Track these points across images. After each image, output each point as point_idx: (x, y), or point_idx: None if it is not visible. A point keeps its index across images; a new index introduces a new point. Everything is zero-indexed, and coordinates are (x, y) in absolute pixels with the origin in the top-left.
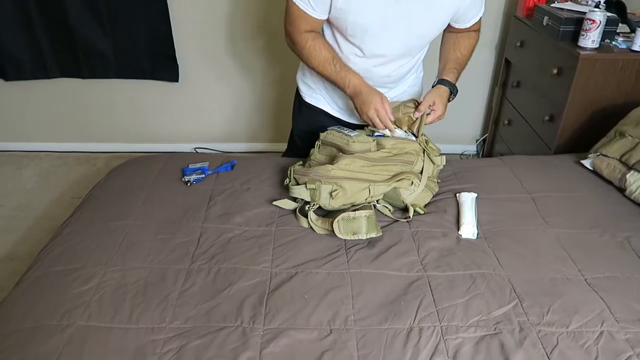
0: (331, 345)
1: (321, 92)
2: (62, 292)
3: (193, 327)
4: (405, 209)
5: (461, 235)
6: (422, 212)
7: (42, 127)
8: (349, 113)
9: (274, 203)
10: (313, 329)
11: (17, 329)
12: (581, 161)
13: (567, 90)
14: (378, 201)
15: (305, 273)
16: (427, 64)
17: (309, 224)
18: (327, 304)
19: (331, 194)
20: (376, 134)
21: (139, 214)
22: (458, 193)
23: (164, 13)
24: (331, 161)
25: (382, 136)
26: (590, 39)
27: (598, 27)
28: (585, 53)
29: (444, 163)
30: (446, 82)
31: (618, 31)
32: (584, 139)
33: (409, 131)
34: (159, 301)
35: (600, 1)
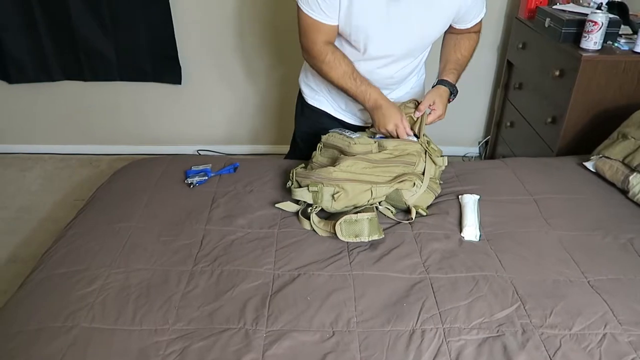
0: (334, 347)
1: (323, 94)
2: (66, 294)
3: (196, 329)
4: (407, 211)
5: (463, 237)
6: (425, 214)
7: (46, 130)
8: (351, 114)
9: (277, 205)
10: (315, 331)
11: (21, 331)
12: (584, 163)
13: (570, 92)
14: (380, 203)
15: (307, 275)
16: (429, 66)
17: (312, 227)
18: (330, 306)
19: (333, 196)
20: (378, 136)
21: (142, 216)
22: (460, 195)
23: (167, 15)
24: (333, 163)
25: (384, 137)
26: (592, 41)
27: (600, 29)
28: (587, 55)
29: (446, 164)
30: (446, 83)
31: (620, 33)
32: (587, 141)
33: (411, 131)
34: (162, 303)
35: (602, 3)
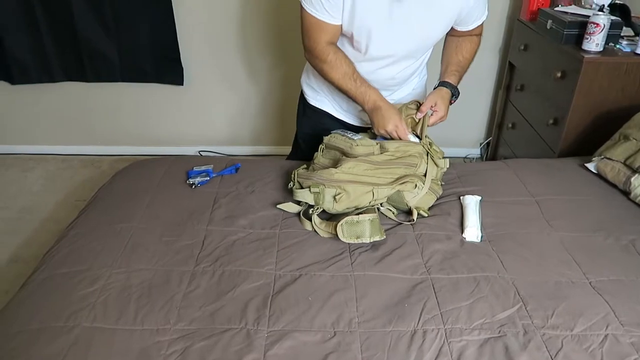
0: (335, 347)
1: (325, 95)
2: (68, 294)
3: (197, 329)
4: (409, 212)
5: (465, 238)
6: (426, 215)
7: (48, 130)
8: (353, 115)
9: (278, 206)
10: (317, 331)
11: (23, 331)
12: (585, 164)
13: (571, 93)
14: (382, 204)
15: (309, 275)
16: (431, 67)
17: (313, 228)
18: (331, 307)
19: (335, 198)
20: (379, 137)
21: (144, 217)
22: (462, 196)
23: (169, 16)
24: (335, 165)
25: (385, 139)
26: (594, 43)
27: (602, 31)
28: (589, 56)
29: (448, 166)
30: (447, 84)
31: (622, 34)
32: (588, 143)
33: (412, 133)
34: (164, 303)
35: (604, 4)
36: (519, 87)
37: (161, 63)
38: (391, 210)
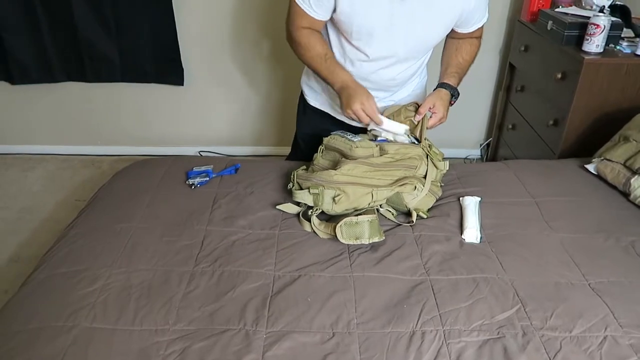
0: (334, 348)
1: (325, 95)
2: (67, 294)
3: (196, 330)
4: (408, 213)
5: (464, 239)
6: (425, 217)
7: (48, 130)
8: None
9: (277, 207)
10: (316, 332)
11: (22, 330)
12: (585, 166)
13: (572, 94)
14: (381, 205)
15: (308, 276)
16: (431, 69)
17: (312, 229)
18: (330, 307)
19: (334, 199)
20: (379, 139)
21: (144, 217)
22: (461, 197)
23: (170, 17)
24: (334, 166)
25: (385, 141)
26: (594, 44)
27: (602, 32)
28: (589, 58)
29: (447, 168)
30: (447, 86)
31: (622, 36)
32: (588, 144)
33: (412, 135)
34: (163, 303)
35: (604, 6)
36: (520, 88)
37: (161, 63)
38: (390, 211)
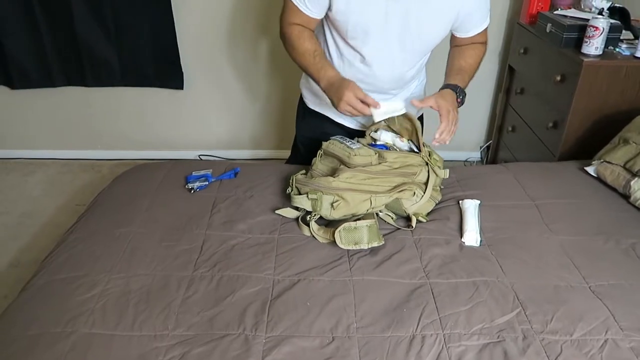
0: (333, 352)
1: (325, 98)
2: (66, 300)
3: (196, 335)
4: (408, 218)
5: (464, 242)
6: (425, 221)
7: (48, 135)
8: (352, 119)
9: (276, 212)
10: (315, 337)
11: (21, 336)
12: (585, 168)
13: (571, 97)
14: (380, 210)
15: (307, 280)
16: (431, 72)
17: (311, 233)
18: (330, 312)
19: (332, 205)
20: (378, 145)
21: (143, 221)
22: (461, 200)
23: (169, 21)
24: (332, 173)
25: (384, 147)
26: (593, 46)
27: (601, 34)
28: (588, 60)
29: (447, 176)
30: (450, 86)
31: (621, 38)
32: (588, 146)
33: (412, 143)
34: (162, 308)
35: (603, 8)
36: (519, 91)
37: (161, 67)
38: (390, 215)
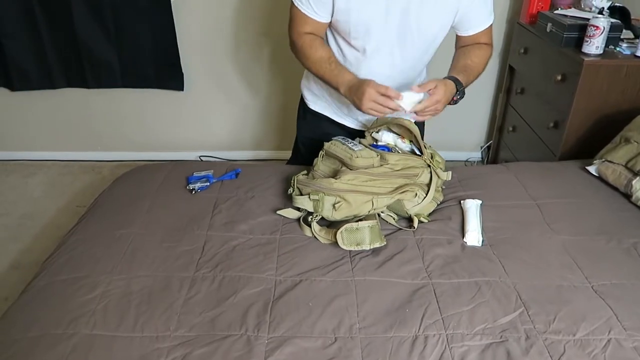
0: (336, 353)
1: (326, 99)
2: (67, 301)
3: (197, 336)
4: (409, 218)
5: (466, 242)
6: (426, 221)
7: (48, 136)
8: (353, 119)
9: (278, 212)
10: (318, 337)
11: (22, 338)
12: (586, 167)
13: (572, 96)
14: (382, 210)
15: (309, 281)
16: (432, 72)
17: (313, 234)
18: (332, 312)
19: (334, 206)
20: (380, 146)
21: (144, 222)
22: (462, 200)
23: (169, 22)
24: (334, 174)
25: (385, 148)
26: (594, 45)
27: (602, 34)
28: (589, 59)
29: (449, 178)
30: (453, 79)
31: (622, 37)
32: (589, 146)
33: (414, 145)
34: (164, 309)
35: (603, 7)
36: (519, 90)
37: (161, 68)
38: (392, 215)
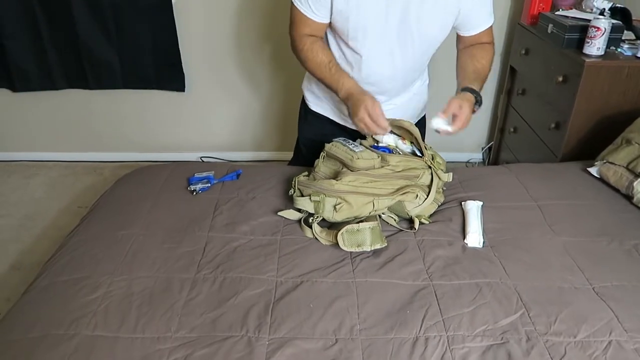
0: (337, 354)
1: (327, 100)
2: (69, 302)
3: (198, 337)
4: (410, 220)
5: (467, 243)
6: (427, 222)
7: (50, 137)
8: None
9: (279, 214)
10: (319, 339)
11: (24, 338)
12: (587, 169)
13: (573, 97)
14: (383, 212)
15: (310, 282)
16: (432, 72)
17: (314, 235)
18: (333, 313)
19: (335, 207)
20: (381, 147)
21: (145, 223)
22: (463, 201)
23: (170, 23)
24: (335, 176)
25: (386, 150)
26: (595, 47)
27: (603, 35)
28: (590, 60)
29: (450, 180)
30: (471, 90)
31: (623, 38)
32: (590, 147)
33: (415, 146)
34: (165, 310)
35: (605, 8)
36: (521, 92)
37: (162, 69)
38: (392, 217)
